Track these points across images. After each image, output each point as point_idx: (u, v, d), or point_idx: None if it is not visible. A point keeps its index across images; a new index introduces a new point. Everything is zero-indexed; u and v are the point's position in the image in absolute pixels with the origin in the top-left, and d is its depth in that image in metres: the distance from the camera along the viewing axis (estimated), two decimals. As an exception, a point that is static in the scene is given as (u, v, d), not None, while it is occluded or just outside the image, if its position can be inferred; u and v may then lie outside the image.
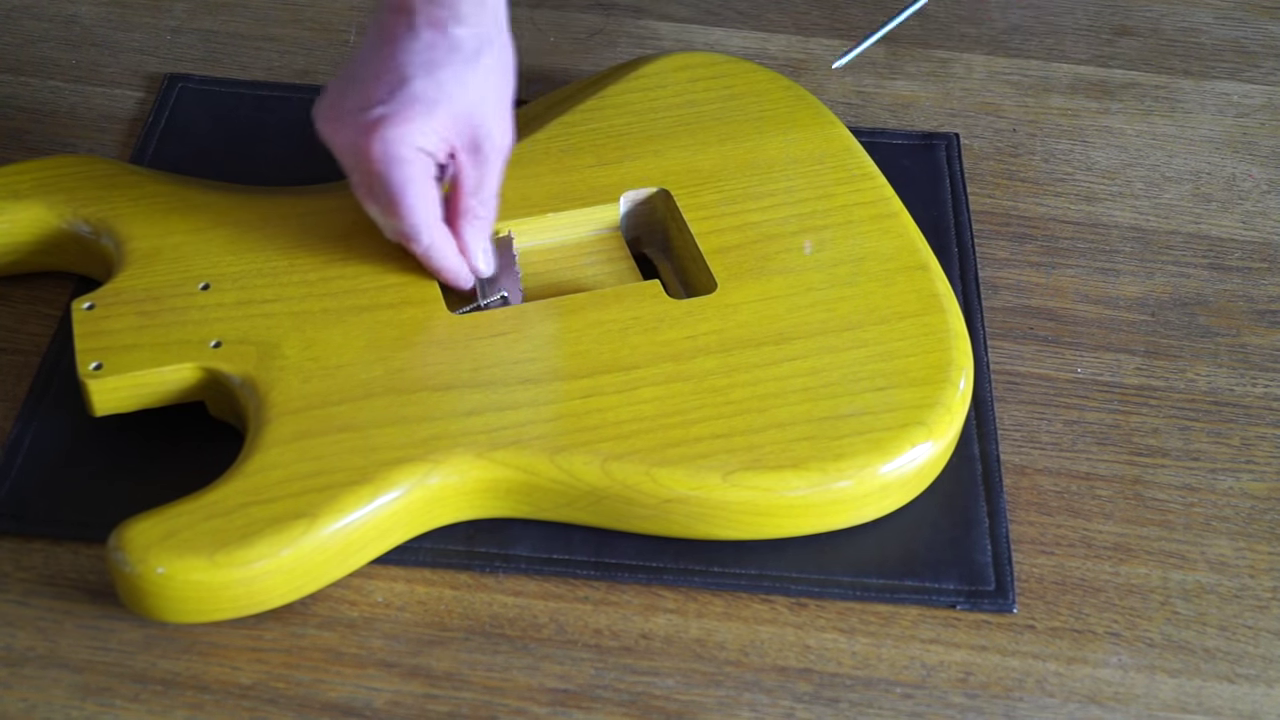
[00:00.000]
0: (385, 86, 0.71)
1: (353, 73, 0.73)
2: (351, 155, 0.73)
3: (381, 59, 0.72)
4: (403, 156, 0.71)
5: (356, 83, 0.73)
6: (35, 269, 0.80)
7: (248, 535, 0.65)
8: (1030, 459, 0.76)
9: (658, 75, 0.87)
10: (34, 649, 0.67)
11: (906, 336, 0.74)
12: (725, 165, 0.82)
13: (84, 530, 0.70)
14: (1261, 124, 0.95)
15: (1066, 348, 0.81)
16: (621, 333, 0.74)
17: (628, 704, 0.67)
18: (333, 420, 0.69)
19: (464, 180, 0.74)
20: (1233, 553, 0.73)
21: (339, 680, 0.67)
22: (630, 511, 0.70)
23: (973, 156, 0.91)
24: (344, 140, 0.73)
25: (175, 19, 0.97)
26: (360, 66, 0.73)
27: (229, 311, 0.73)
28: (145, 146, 0.88)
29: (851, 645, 0.69)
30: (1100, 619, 0.70)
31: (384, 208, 0.73)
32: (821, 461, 0.69)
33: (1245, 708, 0.68)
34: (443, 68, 0.72)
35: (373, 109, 0.71)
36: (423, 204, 0.72)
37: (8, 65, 0.94)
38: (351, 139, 0.72)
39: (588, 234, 0.80)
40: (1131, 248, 0.87)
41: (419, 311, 0.74)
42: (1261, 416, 0.79)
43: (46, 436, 0.74)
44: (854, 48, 0.90)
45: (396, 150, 0.71)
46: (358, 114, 0.71)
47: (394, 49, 0.72)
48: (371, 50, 0.73)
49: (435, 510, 0.69)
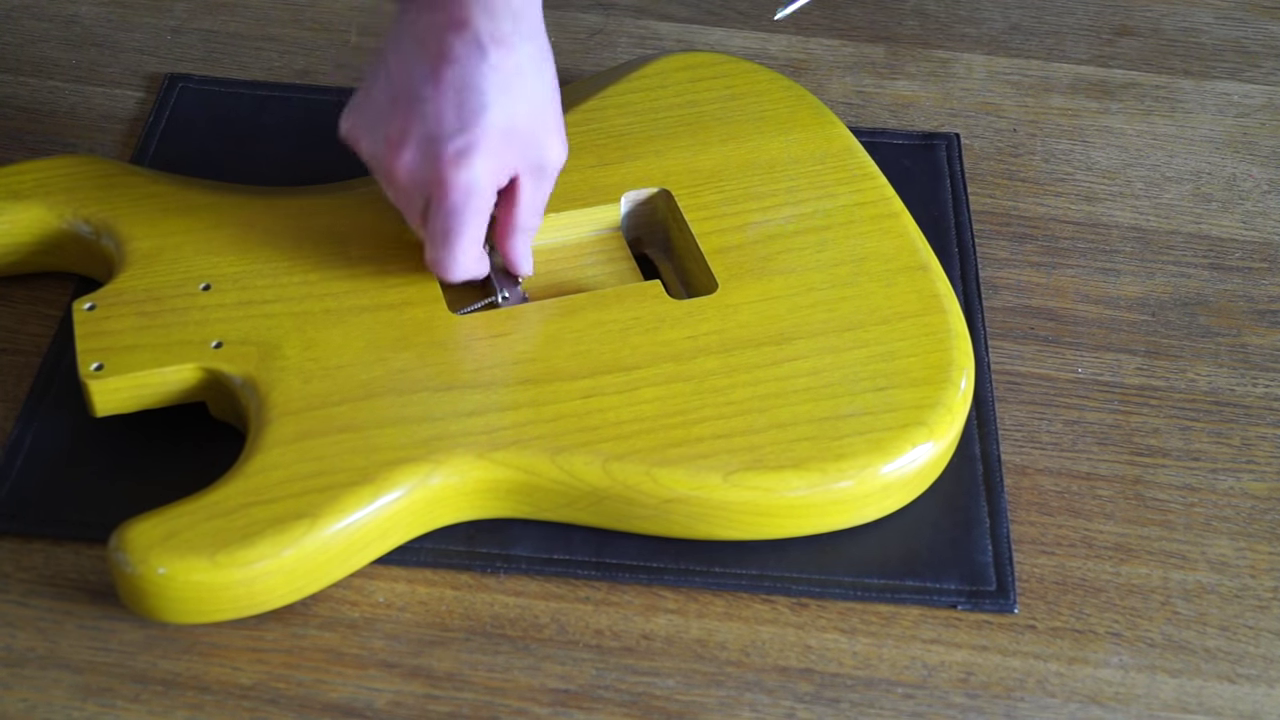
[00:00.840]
0: (463, 113, 0.68)
1: (401, 90, 0.70)
2: (421, 184, 0.70)
3: (447, 80, 0.69)
4: (482, 189, 0.70)
5: (415, 100, 0.69)
6: (36, 269, 0.80)
7: (249, 536, 0.65)
8: (1031, 459, 0.76)
9: (658, 75, 0.87)
10: (34, 649, 0.67)
11: (907, 337, 0.74)
12: (726, 165, 0.82)
13: (85, 530, 0.70)
14: (1262, 124, 0.95)
15: (1067, 348, 0.81)
16: (622, 333, 0.74)
17: (629, 704, 0.67)
18: (334, 421, 0.69)
19: (523, 200, 0.73)
20: (1233, 553, 0.73)
21: (340, 681, 0.67)
22: (631, 512, 0.70)
23: (973, 156, 0.91)
24: (412, 167, 0.70)
25: (175, 19, 0.97)
26: (415, 84, 0.69)
27: (230, 312, 0.73)
28: (145, 146, 0.88)
29: (852, 645, 0.69)
30: (1101, 619, 0.70)
31: (437, 234, 0.71)
32: (822, 462, 0.69)
33: (1246, 708, 0.68)
34: (514, 89, 0.69)
35: (454, 138, 0.68)
36: (476, 237, 0.72)
37: (8, 65, 0.93)
38: (426, 168, 0.69)
39: (589, 234, 0.80)
40: (1132, 248, 0.87)
41: (420, 312, 0.74)
42: (1262, 416, 0.79)
43: (47, 437, 0.74)
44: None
45: (479, 183, 0.69)
46: (436, 141, 0.69)
47: (461, 70, 0.68)
48: (424, 67, 0.69)
49: (436, 510, 0.69)
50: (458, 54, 0.68)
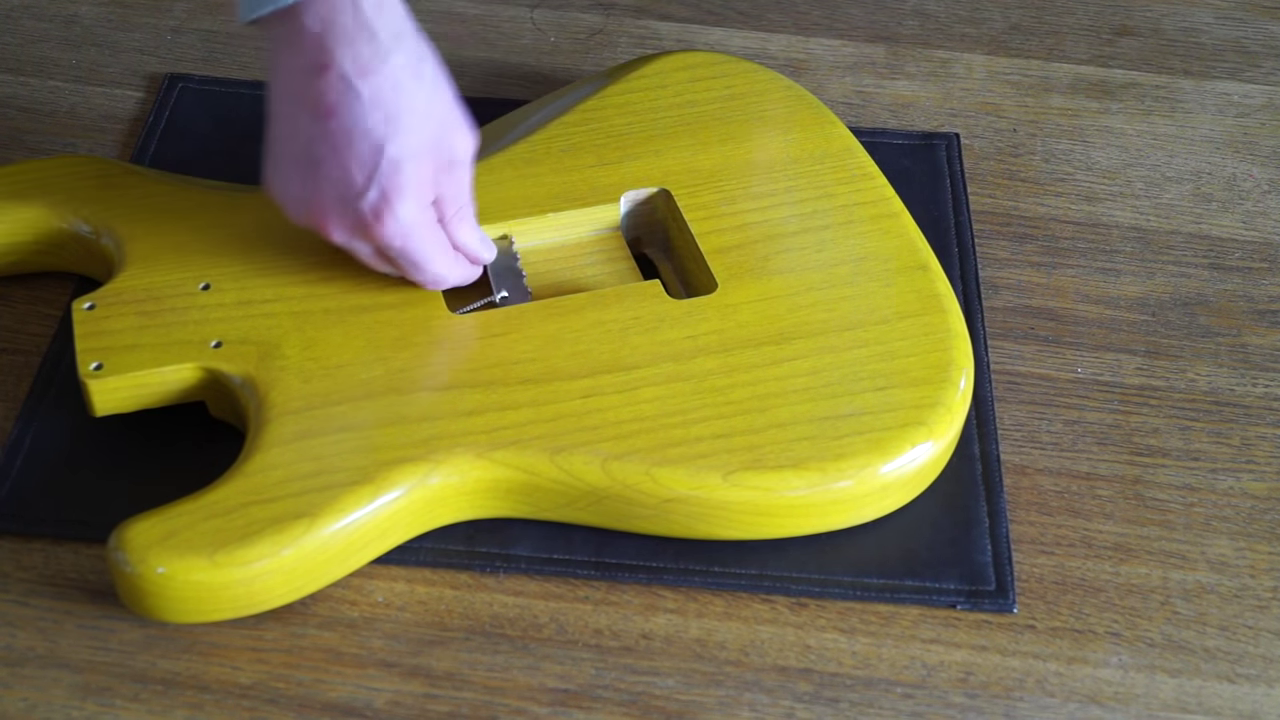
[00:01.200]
0: (364, 165, 0.68)
1: (300, 152, 0.69)
2: (359, 241, 0.71)
3: (334, 134, 0.67)
4: (416, 220, 0.70)
5: (315, 165, 0.68)
6: (36, 269, 0.80)
7: (248, 535, 0.65)
8: (1031, 459, 0.76)
9: (658, 75, 0.87)
10: (34, 649, 0.67)
11: (907, 336, 0.74)
12: (726, 165, 0.82)
13: (84, 530, 0.70)
14: (1262, 124, 0.95)
15: (1067, 348, 0.81)
16: (622, 333, 0.74)
17: (628, 704, 0.67)
18: (333, 420, 0.69)
19: (447, 196, 0.72)
20: (1233, 553, 0.73)
21: (339, 680, 0.67)
22: (630, 511, 0.70)
23: (973, 156, 0.91)
24: (344, 230, 0.70)
25: (175, 19, 0.97)
26: (308, 145, 0.68)
27: (229, 311, 0.73)
28: (145, 146, 0.88)
29: (852, 645, 0.69)
30: (1100, 619, 0.70)
31: (403, 266, 0.72)
32: (822, 461, 0.69)
33: (1245, 708, 0.68)
34: (400, 112, 0.68)
35: (365, 194, 0.68)
36: (441, 254, 0.72)
37: (8, 65, 0.94)
38: (356, 228, 0.70)
39: (588, 234, 0.80)
40: (1132, 248, 0.87)
41: (419, 311, 0.74)
42: (1262, 416, 0.79)
43: (47, 436, 0.74)
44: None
45: (409, 222, 0.69)
46: (350, 202, 0.68)
47: (342, 119, 0.67)
48: (310, 124, 0.67)
49: (436, 510, 0.69)
50: (332, 102, 0.67)
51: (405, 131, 0.68)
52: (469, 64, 0.95)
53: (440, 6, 0.99)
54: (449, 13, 0.99)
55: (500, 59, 0.96)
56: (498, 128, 0.84)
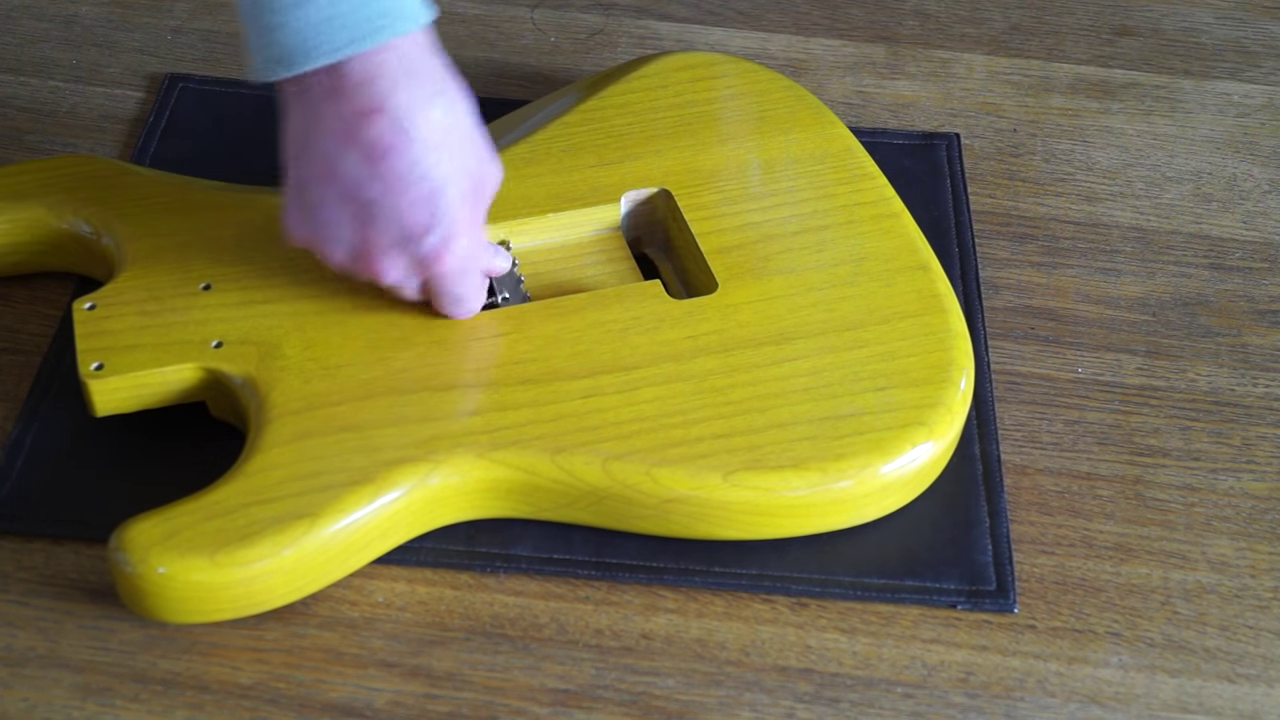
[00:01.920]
0: (423, 205, 0.67)
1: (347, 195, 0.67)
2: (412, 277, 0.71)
3: (390, 176, 0.66)
4: (471, 257, 0.71)
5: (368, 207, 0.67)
6: (36, 269, 0.80)
7: (249, 535, 0.65)
8: (1031, 459, 0.76)
9: (658, 75, 0.87)
10: (34, 649, 0.67)
11: (907, 336, 0.74)
12: (726, 165, 0.82)
13: (85, 530, 0.70)
14: (1262, 124, 0.95)
15: (1067, 348, 0.81)
16: (622, 333, 0.74)
17: (628, 704, 0.67)
18: (334, 420, 0.69)
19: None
20: (1233, 553, 0.73)
21: (340, 680, 0.67)
22: (631, 511, 0.70)
23: (973, 156, 0.91)
24: (400, 270, 0.70)
25: (175, 19, 0.97)
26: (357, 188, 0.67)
27: (230, 312, 0.73)
28: (145, 146, 0.88)
29: (852, 645, 0.69)
30: (1101, 619, 0.70)
31: (447, 302, 0.72)
32: (822, 461, 0.69)
33: (1246, 708, 0.68)
34: (451, 152, 0.67)
35: (428, 236, 0.68)
36: (482, 288, 0.73)
37: (8, 65, 0.94)
38: (412, 267, 0.70)
39: (588, 234, 0.80)
40: (1132, 248, 0.87)
41: (420, 312, 0.74)
42: (1262, 416, 0.79)
43: (47, 437, 0.74)
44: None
45: (467, 257, 0.70)
46: (411, 243, 0.68)
47: (398, 160, 0.66)
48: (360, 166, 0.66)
49: (436, 510, 0.69)
50: (388, 144, 0.66)
51: (458, 172, 0.68)
52: (469, 64, 0.95)
53: (440, 6, 0.99)
54: (449, 13, 0.99)
55: (500, 59, 0.96)
56: (498, 128, 0.84)
